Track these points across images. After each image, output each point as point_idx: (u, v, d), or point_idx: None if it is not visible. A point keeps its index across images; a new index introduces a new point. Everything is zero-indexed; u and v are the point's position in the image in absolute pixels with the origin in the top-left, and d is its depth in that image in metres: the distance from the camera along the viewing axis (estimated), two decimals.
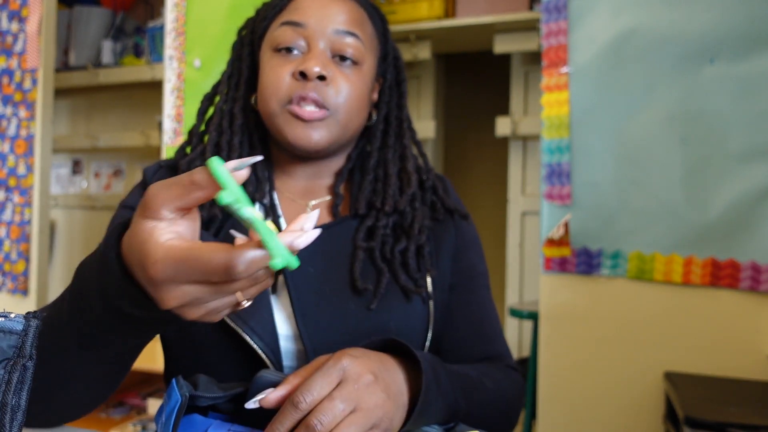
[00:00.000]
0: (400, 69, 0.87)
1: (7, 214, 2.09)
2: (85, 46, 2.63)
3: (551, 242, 1.51)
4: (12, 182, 2.09)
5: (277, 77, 0.76)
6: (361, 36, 0.78)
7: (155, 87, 2.40)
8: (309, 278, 0.74)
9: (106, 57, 2.60)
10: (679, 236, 1.41)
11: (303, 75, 0.74)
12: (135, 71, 2.52)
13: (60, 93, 2.62)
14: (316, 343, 0.71)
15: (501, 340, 0.84)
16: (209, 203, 0.76)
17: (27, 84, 2.07)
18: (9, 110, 2.09)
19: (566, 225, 1.50)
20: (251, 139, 0.82)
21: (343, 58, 0.77)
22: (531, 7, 2.11)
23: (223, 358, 0.71)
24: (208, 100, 0.87)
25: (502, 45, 2.20)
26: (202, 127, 0.86)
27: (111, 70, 2.58)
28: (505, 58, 2.42)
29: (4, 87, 2.10)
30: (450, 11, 2.21)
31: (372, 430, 0.56)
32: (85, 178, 3.02)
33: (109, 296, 0.50)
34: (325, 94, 0.75)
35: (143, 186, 0.81)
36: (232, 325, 0.69)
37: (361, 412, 0.55)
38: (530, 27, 2.10)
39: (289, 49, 0.77)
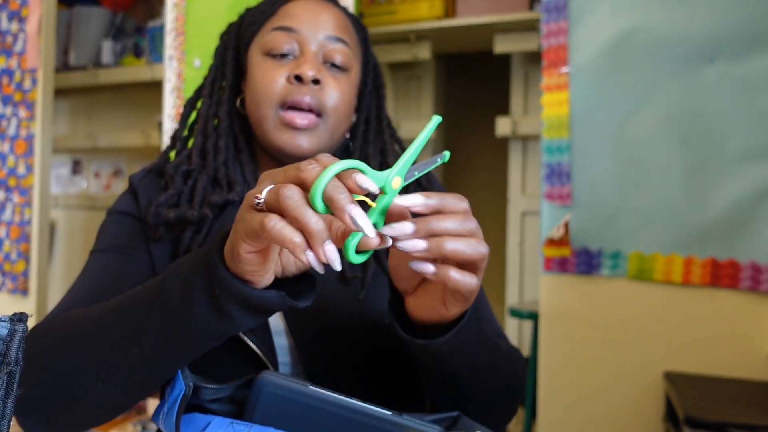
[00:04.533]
0: (379, 75, 0.89)
1: (7, 214, 2.09)
2: (85, 46, 2.63)
3: (551, 242, 1.51)
4: (12, 182, 2.09)
5: (270, 81, 0.76)
6: (349, 43, 0.80)
7: (155, 87, 2.39)
8: None
9: (106, 57, 2.60)
10: (679, 236, 1.41)
11: (298, 78, 0.75)
12: (135, 71, 2.51)
13: (60, 93, 2.61)
14: (306, 336, 0.70)
15: (495, 322, 0.84)
16: (199, 203, 0.75)
17: (27, 84, 2.07)
18: (9, 110, 2.09)
19: (566, 225, 1.50)
20: (237, 141, 0.83)
21: (332, 65, 0.78)
22: (531, 7, 2.10)
23: (216, 355, 0.68)
24: (191, 104, 0.88)
25: (502, 45, 2.20)
26: (186, 132, 0.86)
27: (111, 70, 2.57)
28: (505, 58, 2.41)
29: (4, 87, 2.10)
30: (450, 11, 2.20)
31: (478, 271, 0.55)
32: (85, 178, 3.02)
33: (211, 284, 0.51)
34: (319, 98, 0.76)
35: (131, 193, 0.81)
36: None
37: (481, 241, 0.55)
38: (530, 27, 2.10)
39: (282, 54, 0.78)
